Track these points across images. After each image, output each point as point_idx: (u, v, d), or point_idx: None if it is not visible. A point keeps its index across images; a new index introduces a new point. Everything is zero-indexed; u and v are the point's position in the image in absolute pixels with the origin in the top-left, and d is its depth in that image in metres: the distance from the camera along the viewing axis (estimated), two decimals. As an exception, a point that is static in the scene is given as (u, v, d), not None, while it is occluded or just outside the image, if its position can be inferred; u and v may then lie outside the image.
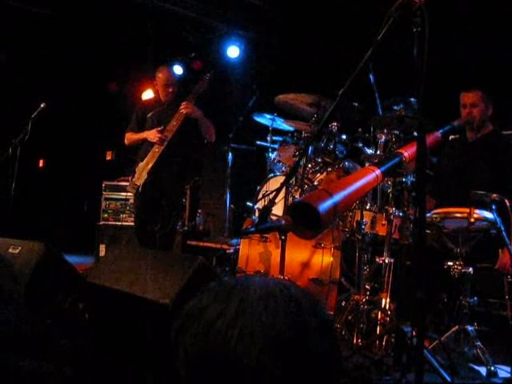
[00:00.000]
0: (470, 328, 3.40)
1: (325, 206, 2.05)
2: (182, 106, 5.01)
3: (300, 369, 0.94)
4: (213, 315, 0.94)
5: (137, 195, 5.12)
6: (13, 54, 7.09)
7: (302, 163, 4.40)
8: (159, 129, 5.03)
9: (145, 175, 4.99)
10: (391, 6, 2.12)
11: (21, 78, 7.25)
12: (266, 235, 4.06)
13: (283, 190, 3.98)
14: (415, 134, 3.64)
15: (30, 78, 7.36)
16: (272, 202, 2.22)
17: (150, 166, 5.00)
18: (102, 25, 7.30)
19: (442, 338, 3.34)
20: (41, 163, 8.16)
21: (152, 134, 5.05)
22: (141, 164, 5.06)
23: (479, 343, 3.34)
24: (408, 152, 2.66)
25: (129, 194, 5.41)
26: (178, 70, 7.92)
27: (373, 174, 2.40)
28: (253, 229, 2.01)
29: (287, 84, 5.49)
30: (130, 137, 5.31)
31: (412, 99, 4.25)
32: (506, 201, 3.18)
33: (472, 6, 5.63)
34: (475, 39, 5.80)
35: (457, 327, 3.42)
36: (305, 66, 7.20)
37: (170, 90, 5.19)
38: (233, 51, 7.90)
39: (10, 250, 3.55)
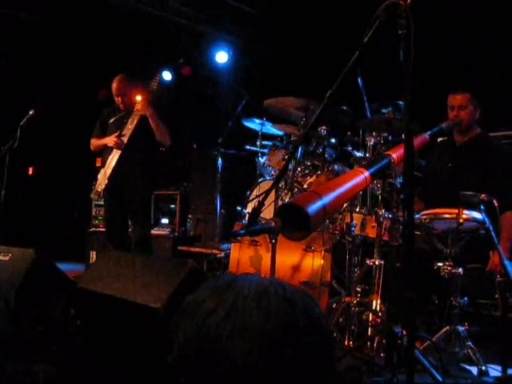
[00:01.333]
0: (460, 328, 3.41)
1: (314, 207, 2.07)
2: (136, 105, 5.09)
3: (291, 367, 0.95)
4: (207, 310, 0.96)
5: (103, 200, 5.20)
6: (0, 61, 7.07)
7: (290, 167, 4.41)
8: (116, 134, 5.09)
9: (105, 181, 5.01)
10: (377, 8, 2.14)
11: (9, 85, 7.23)
12: (256, 239, 4.07)
13: (273, 194, 3.99)
14: (403, 136, 3.67)
15: (19, 85, 7.34)
16: (261, 205, 2.23)
17: (109, 171, 5.04)
18: (90, 32, 7.30)
19: (433, 339, 3.35)
20: (30, 170, 8.12)
21: (110, 140, 5.12)
22: (102, 170, 5.12)
23: (470, 343, 3.36)
24: (396, 154, 2.68)
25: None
26: (166, 75, 7.94)
27: (361, 176, 2.42)
28: (242, 231, 2.03)
29: (276, 88, 5.51)
30: (94, 143, 5.38)
31: (400, 102, 4.28)
32: (494, 201, 3.20)
33: (462, 6, 5.66)
34: (464, 40, 5.84)
35: (447, 328, 3.44)
36: (293, 69, 7.22)
37: (120, 99, 5.25)
38: (221, 56, 7.92)
39: (0, 257, 3.55)
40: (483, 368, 3.22)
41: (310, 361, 0.97)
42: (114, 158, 5.03)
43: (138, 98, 5.18)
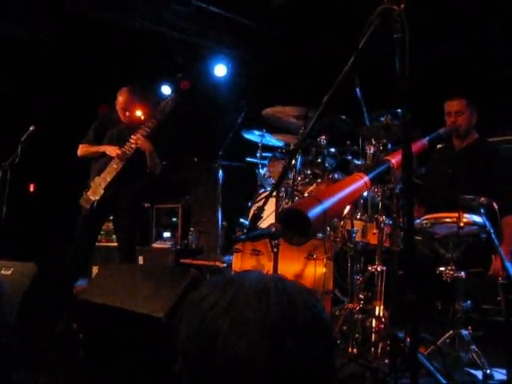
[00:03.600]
0: (464, 332, 3.41)
1: (314, 212, 2.07)
2: (134, 138, 5.02)
3: (291, 361, 0.95)
4: (208, 305, 0.97)
5: (91, 210, 5.00)
6: (1, 78, 7.10)
7: (290, 175, 4.42)
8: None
9: (101, 191, 4.95)
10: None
11: (10, 101, 7.26)
12: (258, 248, 4.07)
13: (273, 204, 3.99)
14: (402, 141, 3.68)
15: (20, 101, 7.37)
16: (261, 210, 2.23)
17: (107, 180, 4.97)
18: (91, 47, 7.34)
19: (438, 343, 3.35)
20: (31, 187, 8.14)
21: (112, 149, 5.03)
22: (97, 179, 5.01)
23: (474, 347, 3.35)
24: (395, 159, 2.69)
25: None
26: (166, 90, 7.97)
27: (361, 181, 2.42)
28: (243, 236, 2.03)
29: (275, 100, 5.53)
30: (85, 148, 5.25)
31: (399, 110, 4.29)
32: (494, 204, 3.20)
33: (459, 8, 5.69)
34: (462, 43, 5.86)
35: (451, 332, 3.43)
36: (291, 79, 7.25)
37: (127, 113, 5.21)
38: (220, 70, 7.95)
39: (2, 272, 3.56)
40: (488, 371, 3.22)
41: (311, 356, 0.98)
42: (114, 169, 4.98)
43: (139, 112, 5.19)
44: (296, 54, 7.27)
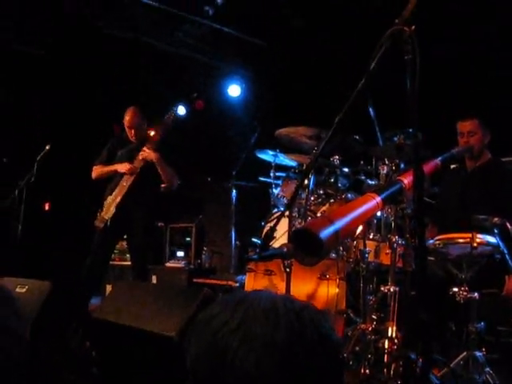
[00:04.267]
0: (478, 354, 3.37)
1: (326, 232, 2.07)
2: (141, 152, 5.13)
3: (299, 379, 0.96)
4: (219, 323, 0.99)
5: (104, 229, 5.09)
6: (17, 95, 7.19)
7: (303, 195, 4.43)
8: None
9: (113, 209, 5.02)
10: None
11: (26, 120, 7.34)
12: (270, 268, 4.07)
13: (286, 224, 4.00)
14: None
15: (36, 120, 7.45)
16: (273, 230, 2.25)
17: (118, 199, 5.05)
18: (108, 66, 7.43)
19: (451, 365, 3.32)
20: (46, 206, 8.19)
21: (122, 166, 5.15)
22: (109, 198, 5.12)
23: (488, 369, 3.31)
24: (408, 179, 2.69)
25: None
26: (181, 110, 8.04)
27: (373, 201, 2.42)
28: (256, 256, 2.04)
29: (289, 119, 5.55)
30: (98, 170, 5.37)
31: (411, 130, 4.29)
32: (508, 224, 3.19)
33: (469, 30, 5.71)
34: (478, 64, 5.88)
35: (465, 353, 3.40)
36: (305, 100, 7.28)
37: (133, 132, 5.29)
38: (234, 90, 8.01)
39: (17, 289, 3.58)
40: (502, 394, 3.18)
41: (318, 374, 0.99)
42: (124, 187, 5.06)
43: (152, 133, 5.26)
44: (309, 75, 7.31)
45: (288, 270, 3.64)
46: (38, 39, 6.92)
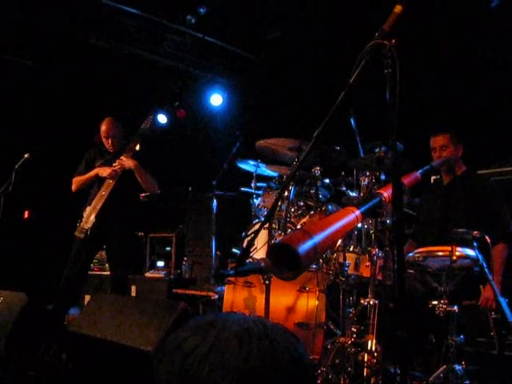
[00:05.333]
0: (457, 367, 3.37)
1: (305, 247, 2.05)
2: (118, 161, 5.12)
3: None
4: (190, 347, 0.97)
5: (85, 239, 5.04)
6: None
7: (283, 207, 4.42)
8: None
9: (93, 219, 5.00)
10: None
11: (4, 128, 7.26)
12: (250, 280, 4.04)
13: (266, 235, 3.98)
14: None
15: (14, 128, 7.37)
16: (250, 245, 2.22)
17: (98, 208, 5.03)
18: (87, 75, 7.38)
19: (431, 379, 3.32)
20: (26, 214, 8.11)
21: (103, 169, 5.14)
22: (88, 208, 5.10)
23: (468, 382, 3.31)
24: (387, 192, 2.69)
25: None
26: (162, 118, 8.01)
27: (352, 215, 2.41)
28: (232, 271, 2.00)
29: (271, 130, 5.54)
30: (78, 179, 5.34)
31: (391, 142, 4.30)
32: (487, 237, 3.20)
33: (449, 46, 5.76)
34: (456, 77, 5.93)
35: (444, 367, 3.40)
36: (286, 111, 7.29)
37: (109, 141, 5.30)
38: (216, 99, 8.01)
39: (-8, 301, 3.52)
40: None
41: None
42: (103, 196, 5.04)
43: (130, 141, 5.25)
44: (291, 86, 7.32)
45: (267, 282, 3.62)
46: (24, 49, 6.88)
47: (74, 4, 6.34)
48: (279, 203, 4.46)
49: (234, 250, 5.75)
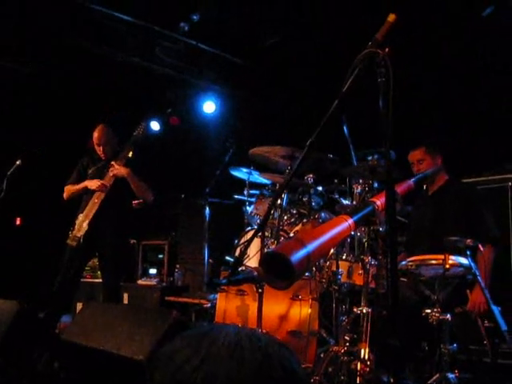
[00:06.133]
0: (450, 375, 3.36)
1: (298, 256, 2.05)
2: (111, 169, 5.11)
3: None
4: (182, 359, 0.96)
5: (77, 247, 5.00)
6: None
7: (276, 215, 4.41)
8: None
9: (85, 226, 4.97)
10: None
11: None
12: (242, 288, 4.03)
13: (259, 243, 3.97)
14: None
15: (6, 134, 7.34)
16: (243, 254, 2.22)
17: (90, 216, 5.00)
18: (81, 82, 7.37)
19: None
20: (18, 221, 8.08)
21: (92, 182, 5.10)
22: (80, 216, 5.07)
23: (460, 391, 3.31)
24: (380, 201, 2.69)
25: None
26: (154, 125, 8.00)
27: (345, 224, 2.41)
28: (224, 281, 2.00)
29: (264, 137, 5.54)
30: (69, 189, 5.32)
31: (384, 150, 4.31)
32: (480, 246, 3.21)
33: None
34: (450, 86, 5.95)
35: (438, 375, 3.39)
36: (279, 118, 7.30)
37: (101, 149, 5.28)
38: (209, 106, 8.00)
39: (-17, 310, 3.50)
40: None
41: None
42: (95, 204, 5.01)
43: (122, 149, 5.23)
44: (285, 93, 7.33)
45: (260, 290, 3.61)
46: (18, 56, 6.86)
47: (66, 10, 6.33)
48: (272, 211, 4.45)
49: (227, 258, 5.73)
